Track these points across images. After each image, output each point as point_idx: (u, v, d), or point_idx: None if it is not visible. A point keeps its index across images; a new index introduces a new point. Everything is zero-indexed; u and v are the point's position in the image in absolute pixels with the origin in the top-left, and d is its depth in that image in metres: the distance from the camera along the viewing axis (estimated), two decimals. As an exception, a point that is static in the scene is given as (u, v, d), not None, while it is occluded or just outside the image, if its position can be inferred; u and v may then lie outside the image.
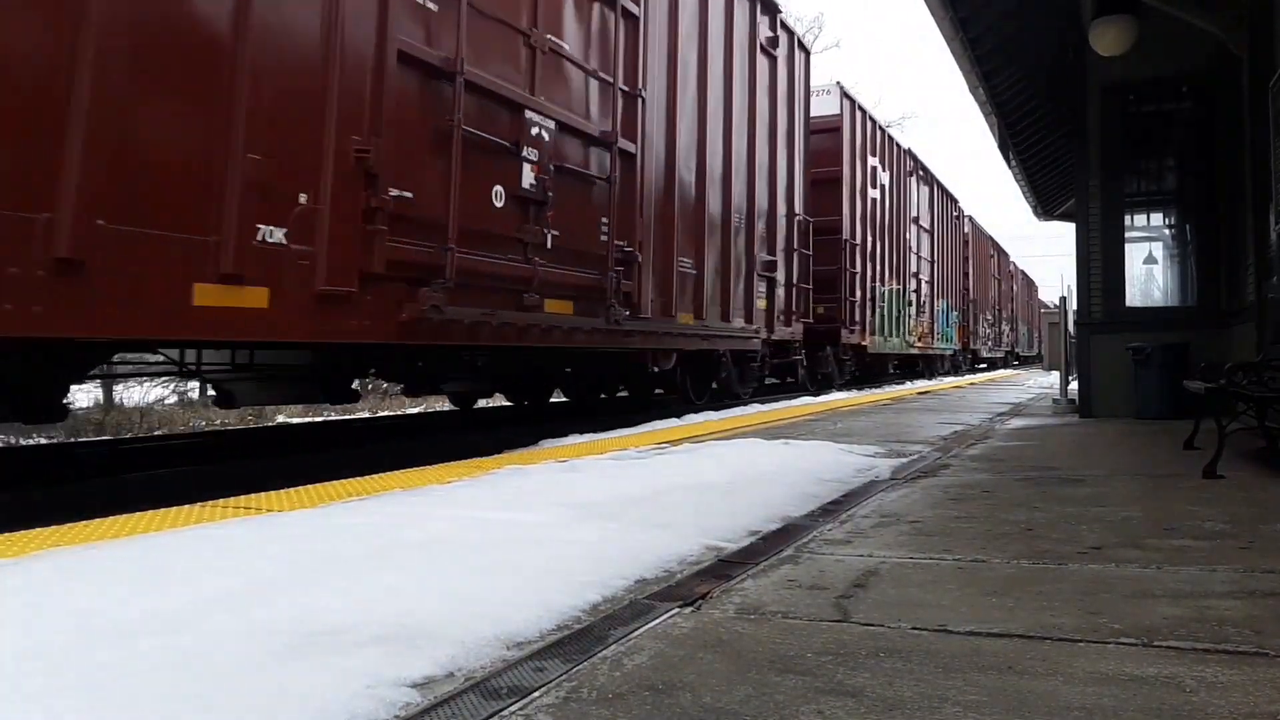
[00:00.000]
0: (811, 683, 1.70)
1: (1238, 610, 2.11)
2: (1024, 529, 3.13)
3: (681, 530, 3.09)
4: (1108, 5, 7.73)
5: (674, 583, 2.48)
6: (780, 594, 2.34)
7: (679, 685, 1.69)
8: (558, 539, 2.92)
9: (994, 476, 4.50)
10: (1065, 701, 1.58)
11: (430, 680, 1.74)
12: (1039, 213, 17.85)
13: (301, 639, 1.88)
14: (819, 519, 3.41)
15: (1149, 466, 4.88)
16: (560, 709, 1.60)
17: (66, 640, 1.85)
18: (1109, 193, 8.76)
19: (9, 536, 2.86)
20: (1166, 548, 2.81)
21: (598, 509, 3.45)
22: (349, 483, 4.20)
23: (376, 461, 5.60)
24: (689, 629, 2.05)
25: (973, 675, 1.72)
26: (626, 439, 6.27)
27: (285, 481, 4.29)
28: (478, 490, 3.92)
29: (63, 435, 9.83)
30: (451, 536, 2.92)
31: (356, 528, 3.05)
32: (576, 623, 2.11)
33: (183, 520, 3.21)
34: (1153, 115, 8.82)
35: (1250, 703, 1.56)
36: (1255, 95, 6.91)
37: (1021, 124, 11.76)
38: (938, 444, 6.15)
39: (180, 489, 4.79)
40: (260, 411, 12.57)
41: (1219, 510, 3.44)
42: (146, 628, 1.94)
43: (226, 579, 2.33)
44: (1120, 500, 3.75)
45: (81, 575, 2.36)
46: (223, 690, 1.63)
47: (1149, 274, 9.22)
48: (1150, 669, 1.73)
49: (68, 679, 1.66)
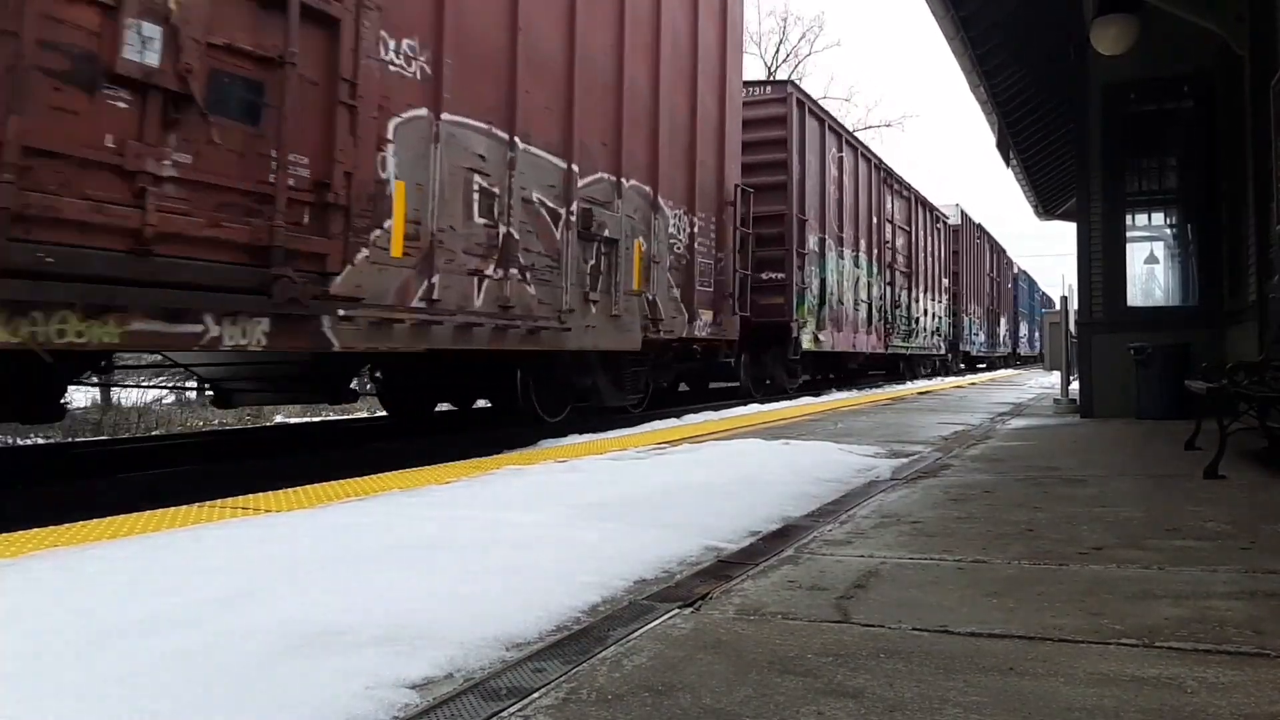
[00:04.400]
0: (812, 684, 1.69)
1: (1239, 611, 2.10)
2: (1025, 529, 3.12)
3: (681, 530, 3.08)
4: (1109, 4, 7.71)
5: (674, 583, 2.47)
6: (780, 595, 2.33)
7: (678, 686, 1.69)
8: (557, 539, 2.91)
9: (995, 477, 4.49)
10: (1066, 702, 1.57)
11: (429, 681, 1.73)
12: (1040, 212, 17.83)
13: (300, 640, 1.88)
14: (819, 519, 3.40)
15: (1150, 467, 4.87)
16: (559, 710, 1.59)
17: (66, 640, 1.85)
18: (1110, 192, 8.75)
19: (8, 537, 2.85)
20: (1168, 548, 2.80)
21: (597, 509, 3.44)
22: (348, 483, 4.19)
23: (376, 461, 5.59)
24: (689, 630, 2.05)
25: (973, 676, 1.71)
26: (626, 439, 6.27)
27: (284, 482, 4.28)
28: (477, 490, 3.92)
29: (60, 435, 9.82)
30: (450, 537, 2.91)
31: (355, 528, 3.04)
32: (576, 623, 2.10)
33: (181, 520, 3.21)
34: (1154, 114, 8.80)
35: (1251, 703, 1.55)
36: (1257, 94, 6.90)
37: (1022, 123, 11.75)
38: (938, 444, 6.14)
39: (179, 489, 4.78)
40: (258, 411, 12.56)
41: (1220, 511, 3.43)
42: (145, 628, 1.93)
43: (225, 579, 2.32)
44: (1121, 501, 3.74)
45: (80, 576, 2.35)
46: (222, 691, 1.63)
47: (1150, 274, 9.21)
48: (1151, 670, 1.73)
49: (68, 679, 1.65)
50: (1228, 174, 8.25)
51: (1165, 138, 8.83)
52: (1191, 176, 8.72)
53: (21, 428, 9.26)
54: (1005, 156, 12.67)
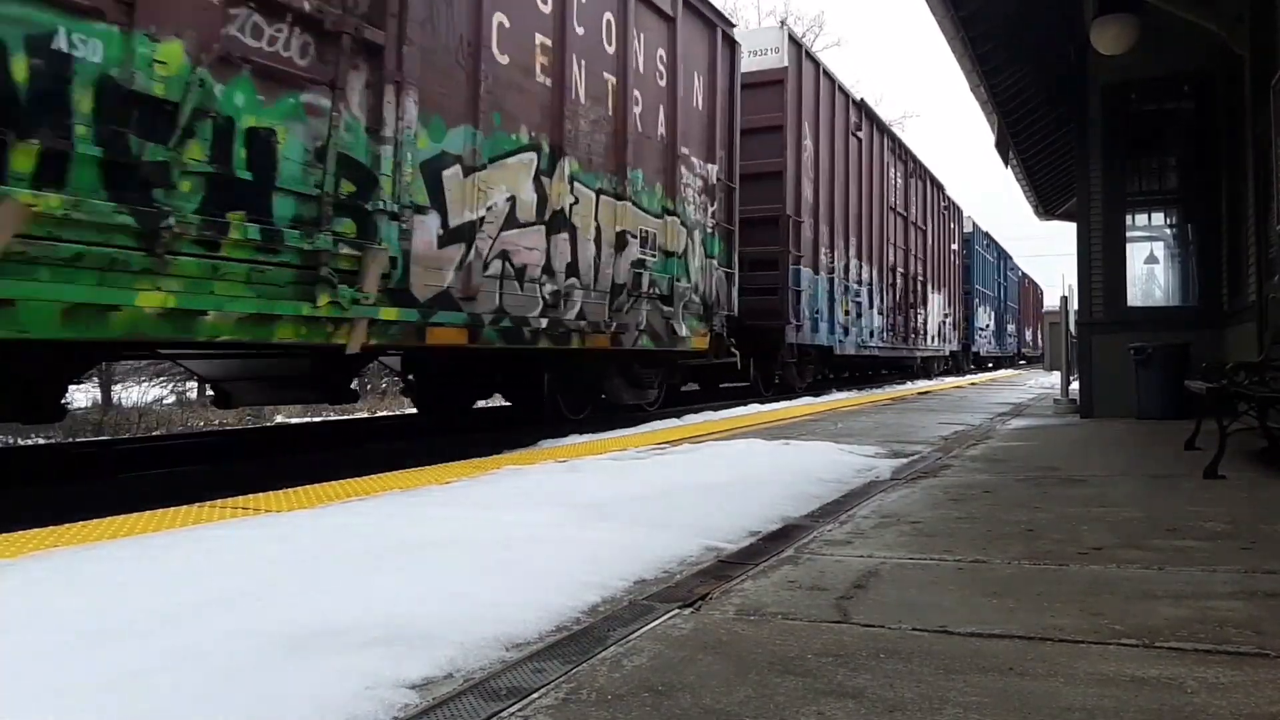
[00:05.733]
0: (812, 684, 1.69)
1: (1239, 611, 2.10)
2: (1025, 529, 3.12)
3: (681, 530, 3.08)
4: (1109, 4, 7.72)
5: (673, 583, 2.47)
6: (780, 595, 2.33)
7: (678, 686, 1.69)
8: (557, 539, 2.91)
9: (995, 477, 4.49)
10: (1066, 703, 1.57)
11: (429, 681, 1.73)
12: (1040, 212, 17.80)
13: (300, 639, 1.88)
14: (819, 519, 3.40)
15: (1150, 467, 4.87)
16: (559, 710, 1.59)
17: (66, 641, 1.85)
18: (1110, 192, 8.75)
19: (7, 537, 2.85)
20: (1168, 548, 2.80)
21: (597, 509, 3.44)
22: (348, 483, 4.19)
23: (376, 461, 5.59)
24: (689, 630, 2.05)
25: (974, 676, 1.71)
26: (626, 439, 6.27)
27: (284, 481, 4.28)
28: (477, 490, 3.92)
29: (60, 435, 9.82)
30: (450, 537, 2.91)
31: (355, 528, 3.04)
32: (576, 624, 2.10)
33: (181, 521, 3.21)
34: (1154, 114, 8.81)
35: (1251, 704, 1.55)
36: (1257, 94, 6.90)
37: (1023, 123, 11.74)
38: (938, 444, 6.14)
39: (179, 489, 4.78)
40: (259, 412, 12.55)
41: (1220, 511, 3.43)
42: (145, 628, 1.93)
43: (225, 579, 2.32)
44: (1121, 501, 3.74)
45: (80, 576, 2.35)
46: (222, 691, 1.63)
47: (1150, 274, 9.21)
48: (1152, 670, 1.73)
49: (68, 679, 1.65)
50: (1228, 174, 8.25)
51: (1165, 138, 8.83)
52: (1191, 176, 8.72)
53: (22, 428, 9.26)
54: (1005, 156, 12.64)
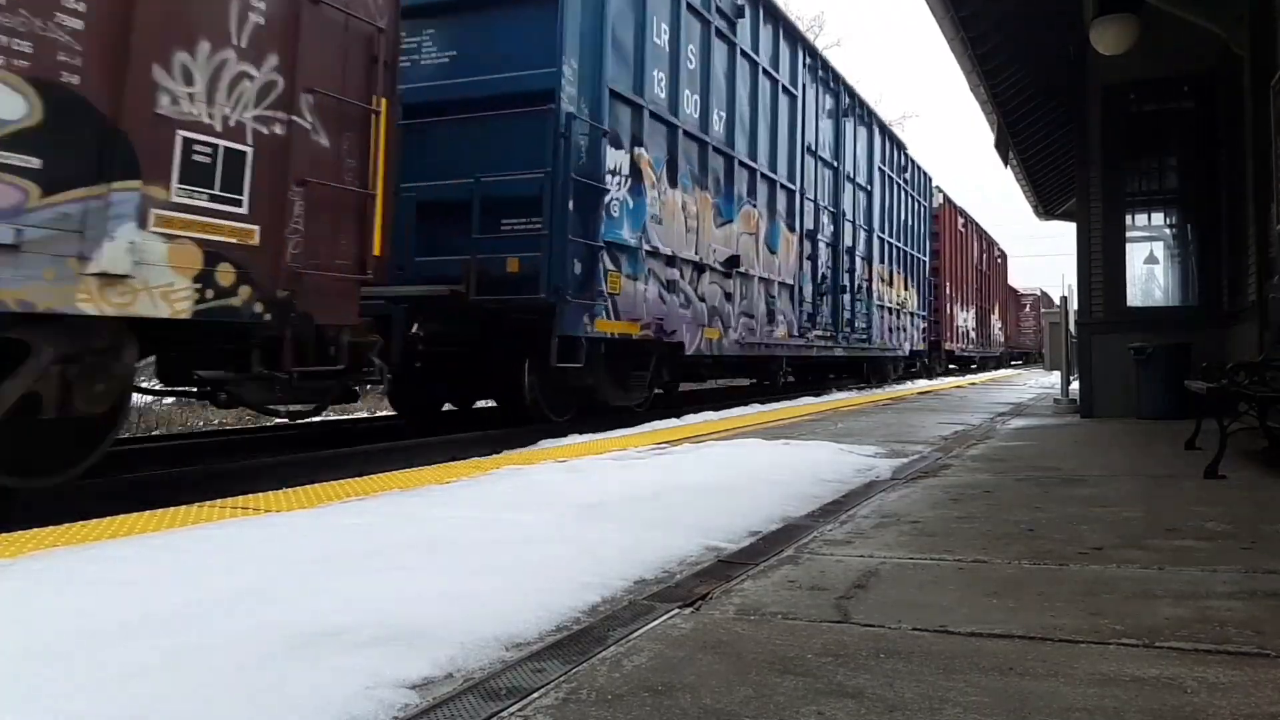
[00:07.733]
0: (812, 684, 1.69)
1: (1239, 611, 2.10)
2: (1025, 529, 3.12)
3: (681, 530, 3.08)
4: (1109, 4, 7.72)
5: (674, 583, 2.47)
6: (780, 595, 2.33)
7: (678, 686, 1.69)
8: (557, 539, 2.91)
9: (995, 477, 4.49)
10: (1067, 703, 1.57)
11: (429, 681, 1.73)
12: (1040, 212, 17.80)
13: (300, 639, 1.87)
14: (819, 519, 3.40)
15: (1150, 467, 4.87)
16: (559, 710, 1.59)
17: (66, 640, 1.85)
18: (1110, 192, 8.75)
19: (7, 537, 2.85)
20: (1168, 548, 2.80)
21: (597, 509, 3.44)
22: (348, 483, 4.19)
23: (376, 461, 5.59)
24: (689, 630, 2.05)
25: (974, 676, 1.71)
26: (627, 439, 6.26)
27: (284, 481, 4.28)
28: (477, 490, 3.92)
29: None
30: (450, 537, 2.91)
31: (355, 528, 3.04)
32: (576, 623, 2.10)
33: (181, 520, 3.21)
34: (1154, 114, 8.80)
35: (1251, 704, 1.55)
36: (1256, 94, 6.90)
37: (1022, 123, 11.74)
38: (938, 444, 6.14)
39: (178, 489, 4.78)
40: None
41: (1221, 510, 3.43)
42: (145, 628, 1.93)
43: (225, 579, 2.32)
44: (1122, 500, 3.74)
45: (80, 576, 2.35)
46: (221, 691, 1.62)
47: (1150, 273, 9.20)
48: (1152, 670, 1.73)
49: (68, 679, 1.65)
50: (1228, 174, 8.25)
51: (1165, 138, 8.83)
52: (1191, 176, 8.72)
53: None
54: (1004, 156, 12.65)
